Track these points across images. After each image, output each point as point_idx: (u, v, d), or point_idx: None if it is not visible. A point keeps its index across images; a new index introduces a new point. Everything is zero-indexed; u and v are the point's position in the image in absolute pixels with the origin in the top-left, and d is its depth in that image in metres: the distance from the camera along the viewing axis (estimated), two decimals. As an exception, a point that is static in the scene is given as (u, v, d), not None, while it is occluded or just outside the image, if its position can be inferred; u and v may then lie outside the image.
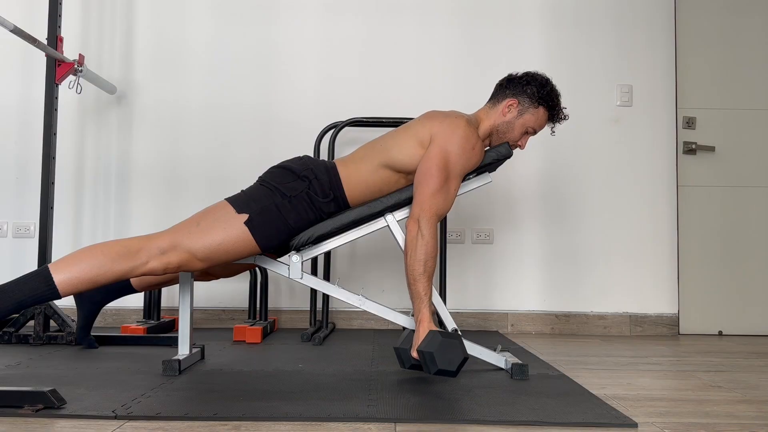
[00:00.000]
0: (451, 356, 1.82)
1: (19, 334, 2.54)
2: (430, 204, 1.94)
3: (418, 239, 1.92)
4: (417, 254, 1.92)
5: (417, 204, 1.96)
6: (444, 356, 1.81)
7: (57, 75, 2.69)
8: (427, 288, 1.93)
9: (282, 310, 3.23)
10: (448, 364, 1.82)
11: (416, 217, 1.94)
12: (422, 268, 1.92)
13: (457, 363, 1.82)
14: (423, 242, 1.92)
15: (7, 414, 1.47)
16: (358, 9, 3.32)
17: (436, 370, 1.82)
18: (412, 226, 1.95)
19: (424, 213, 1.94)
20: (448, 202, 1.99)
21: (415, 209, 1.96)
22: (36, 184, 3.01)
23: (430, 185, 1.95)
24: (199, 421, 1.46)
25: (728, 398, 1.81)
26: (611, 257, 3.25)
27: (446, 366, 1.82)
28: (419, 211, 1.94)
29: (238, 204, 1.92)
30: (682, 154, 3.33)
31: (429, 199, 1.95)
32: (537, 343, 2.83)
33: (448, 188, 1.98)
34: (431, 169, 1.96)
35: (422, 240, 1.92)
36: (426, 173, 1.97)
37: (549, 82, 2.12)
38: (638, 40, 3.32)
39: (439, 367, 1.81)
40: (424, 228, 1.93)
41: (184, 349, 2.10)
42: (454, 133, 1.99)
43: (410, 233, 1.95)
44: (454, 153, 1.98)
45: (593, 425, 1.47)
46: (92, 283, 1.78)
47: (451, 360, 1.82)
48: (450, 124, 2.01)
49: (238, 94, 3.28)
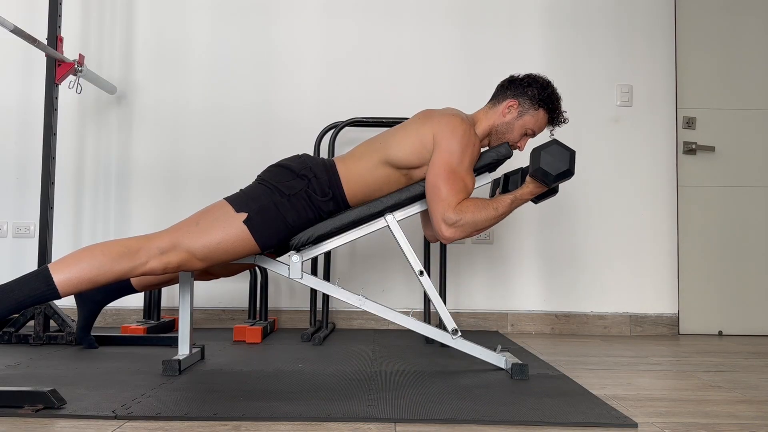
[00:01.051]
0: (559, 158, 1.93)
1: (19, 334, 2.54)
2: (446, 204, 1.96)
3: (465, 224, 1.97)
4: (479, 222, 1.98)
5: (435, 212, 1.98)
6: (552, 164, 1.92)
7: (57, 75, 2.69)
8: (505, 205, 2.01)
9: (282, 310, 3.23)
10: (560, 166, 1.92)
11: (441, 222, 1.97)
12: (492, 212, 1.99)
13: (567, 161, 1.93)
14: (470, 215, 1.96)
15: (7, 414, 1.47)
16: (358, 9, 3.32)
17: (553, 179, 1.93)
18: (448, 232, 1.97)
19: (444, 212, 1.96)
20: (466, 192, 2.01)
21: (436, 217, 1.98)
22: (36, 184, 3.01)
23: (440, 193, 1.97)
24: (199, 421, 1.46)
25: (728, 398, 1.81)
26: (611, 257, 3.25)
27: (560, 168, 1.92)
28: (439, 217, 1.97)
29: (237, 203, 1.92)
30: (682, 154, 3.33)
31: (442, 201, 1.97)
32: (537, 343, 2.83)
33: (462, 183, 1.99)
34: (438, 178, 1.98)
35: (466, 216, 1.96)
36: (434, 183, 1.99)
37: (550, 84, 2.13)
38: (638, 40, 3.32)
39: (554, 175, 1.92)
40: (453, 217, 1.95)
41: (184, 349, 2.10)
42: (454, 132, 2.00)
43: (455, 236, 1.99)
44: (456, 152, 1.98)
45: (593, 425, 1.47)
46: (92, 283, 1.78)
47: (562, 161, 1.93)
48: (448, 123, 2.02)
49: (239, 94, 3.28)
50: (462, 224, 1.97)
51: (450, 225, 1.96)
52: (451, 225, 1.96)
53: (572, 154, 1.94)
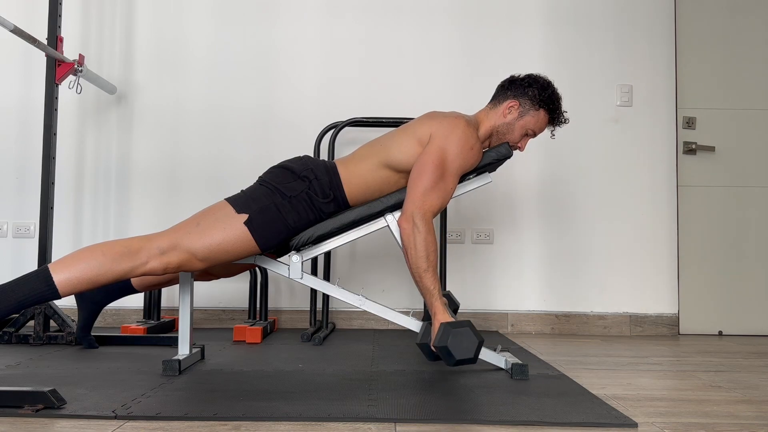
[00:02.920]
0: (465, 344, 1.87)
1: (19, 334, 2.54)
2: (423, 201, 1.95)
3: (416, 236, 1.93)
4: (417, 251, 1.93)
5: (410, 201, 1.96)
6: (459, 347, 1.87)
7: (57, 75, 2.69)
8: (434, 281, 1.95)
9: (282, 310, 3.23)
10: (464, 353, 1.87)
11: (409, 214, 1.95)
12: (425, 263, 1.94)
13: (473, 350, 1.88)
14: (421, 238, 1.93)
15: (7, 414, 1.47)
16: (358, 10, 3.32)
17: (454, 362, 1.88)
18: (406, 224, 1.96)
19: (417, 209, 1.94)
20: (444, 199, 2.00)
21: (408, 206, 1.96)
22: (36, 184, 3.01)
23: (423, 182, 1.96)
24: (199, 421, 1.46)
25: (728, 398, 1.81)
26: (611, 257, 3.25)
27: (463, 355, 1.87)
28: (412, 208, 1.95)
29: (237, 204, 1.92)
30: (682, 154, 3.33)
31: (422, 196, 1.95)
32: (537, 343, 2.83)
33: (444, 186, 1.98)
34: (426, 166, 1.97)
35: (420, 236, 1.93)
36: (421, 171, 1.97)
37: (551, 85, 2.13)
38: (638, 40, 3.32)
39: (456, 359, 1.87)
40: (420, 224, 1.93)
41: (184, 349, 2.10)
42: (453, 132, 2.00)
43: (405, 231, 1.96)
44: (451, 151, 1.98)
45: (593, 425, 1.47)
46: (92, 283, 1.78)
47: (467, 348, 1.87)
48: (449, 123, 2.02)
49: (239, 95, 3.28)
50: (413, 234, 1.93)
51: (410, 221, 1.94)
52: (411, 223, 1.94)
53: (480, 343, 1.90)
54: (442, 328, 1.89)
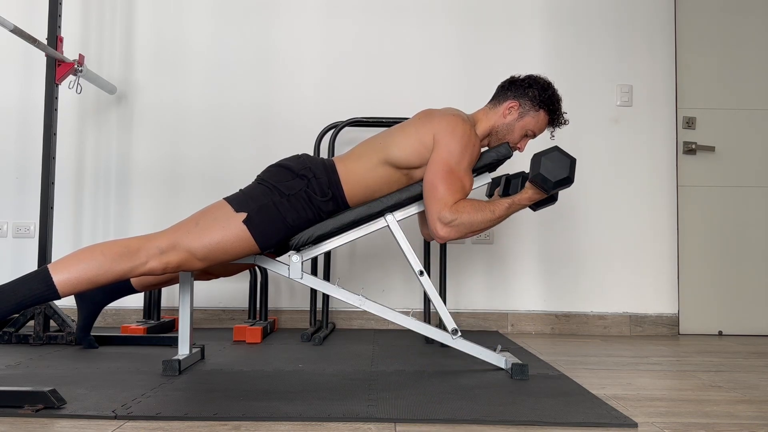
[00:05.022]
0: (559, 165, 1.91)
1: (19, 334, 2.54)
2: (442, 204, 1.96)
3: (460, 225, 1.96)
4: (475, 224, 1.97)
5: (432, 212, 1.97)
6: (552, 170, 1.90)
7: (57, 75, 2.69)
8: (503, 209, 2.00)
9: (282, 310, 3.23)
10: (559, 173, 1.90)
11: (437, 222, 1.96)
12: (490, 217, 1.98)
13: (566, 168, 1.91)
14: (466, 216, 1.95)
15: (7, 414, 1.47)
16: (358, 10, 3.32)
17: (552, 185, 1.90)
18: (443, 232, 1.97)
19: (440, 212, 1.95)
20: (464, 192, 2.00)
21: (432, 217, 1.97)
22: (36, 184, 3.01)
23: (437, 193, 1.97)
24: (199, 421, 1.46)
25: (728, 398, 1.81)
26: (611, 257, 3.25)
27: (559, 176, 1.90)
28: (435, 216, 1.96)
29: (236, 203, 1.92)
30: (682, 154, 3.33)
31: (439, 201, 1.96)
32: (537, 343, 2.83)
33: (460, 183, 1.98)
34: (436, 178, 1.98)
35: (462, 216, 1.95)
36: (432, 182, 1.98)
37: (551, 86, 2.13)
38: (638, 40, 3.32)
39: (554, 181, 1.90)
40: (448, 217, 1.95)
41: (184, 349, 2.10)
42: (454, 132, 2.00)
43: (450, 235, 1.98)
44: (456, 152, 1.98)
45: (593, 425, 1.47)
46: (92, 284, 1.78)
47: (561, 167, 1.91)
48: (449, 123, 2.02)
49: (239, 94, 3.28)
50: (457, 224, 1.96)
51: (445, 224, 1.96)
52: (447, 224, 1.96)
53: (573, 161, 1.93)
54: (533, 160, 1.93)
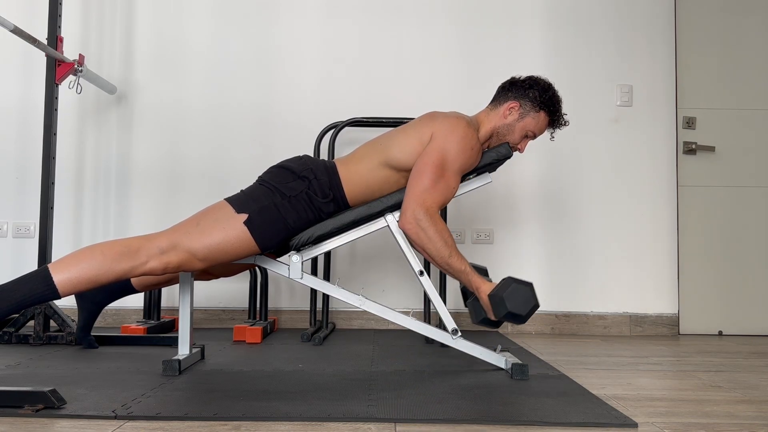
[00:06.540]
0: (522, 300, 1.86)
1: (19, 334, 2.54)
2: (424, 198, 1.94)
3: (426, 231, 1.93)
4: (434, 243, 1.94)
5: (410, 200, 1.95)
6: (515, 300, 1.85)
7: (57, 75, 2.69)
8: (461, 261, 1.97)
9: (282, 310, 3.23)
10: (518, 307, 1.85)
11: (410, 214, 1.94)
12: (446, 250, 1.95)
13: (528, 307, 1.86)
14: (432, 230, 1.93)
15: (7, 414, 1.47)
16: (358, 10, 3.32)
17: (504, 314, 1.85)
18: (409, 225, 1.95)
19: (418, 207, 1.94)
20: (446, 196, 1.99)
21: (408, 205, 1.95)
22: (36, 184, 3.01)
23: (423, 182, 1.95)
24: (199, 421, 1.46)
25: (728, 398, 1.81)
26: (611, 257, 3.25)
27: (517, 309, 1.85)
28: (413, 206, 1.94)
29: (237, 204, 1.92)
30: (682, 154, 3.33)
31: (421, 194, 1.95)
32: (537, 343, 2.83)
33: (445, 184, 1.97)
34: (426, 167, 1.96)
35: (430, 228, 1.93)
36: (420, 171, 1.97)
37: (551, 87, 2.13)
38: (638, 40, 3.32)
39: (508, 310, 1.84)
40: (424, 218, 1.93)
41: (184, 349, 2.10)
42: (454, 132, 2.00)
43: (411, 232, 1.96)
44: (452, 151, 1.98)
45: (593, 425, 1.47)
46: (92, 283, 1.78)
47: (523, 304, 1.85)
48: (450, 123, 2.02)
49: (239, 94, 3.28)
50: (422, 230, 1.94)
51: (415, 221, 1.94)
52: (416, 222, 1.94)
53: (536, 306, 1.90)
54: (503, 282, 1.91)
